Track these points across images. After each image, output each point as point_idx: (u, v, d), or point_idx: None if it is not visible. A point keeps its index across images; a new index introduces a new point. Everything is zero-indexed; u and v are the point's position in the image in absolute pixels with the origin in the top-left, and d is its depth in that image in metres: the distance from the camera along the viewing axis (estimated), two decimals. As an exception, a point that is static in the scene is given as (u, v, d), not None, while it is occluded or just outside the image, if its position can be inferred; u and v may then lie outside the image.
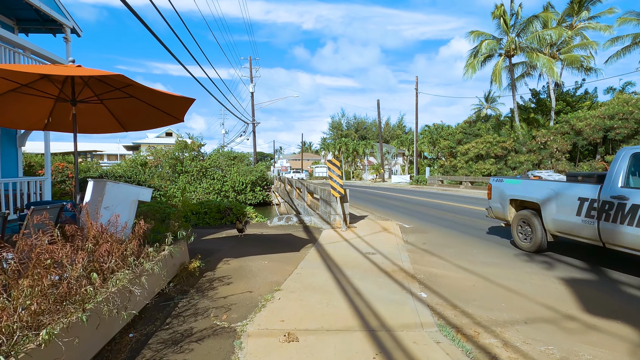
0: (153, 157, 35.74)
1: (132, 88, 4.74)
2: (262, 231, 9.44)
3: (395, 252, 6.89)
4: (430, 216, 12.06)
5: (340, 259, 6.43)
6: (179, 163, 33.12)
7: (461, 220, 11.05)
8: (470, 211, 13.15)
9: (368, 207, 15.33)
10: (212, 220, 12.12)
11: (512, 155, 29.41)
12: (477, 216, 11.75)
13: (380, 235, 8.50)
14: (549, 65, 25.97)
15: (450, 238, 8.35)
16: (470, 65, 29.87)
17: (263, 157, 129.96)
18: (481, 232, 8.95)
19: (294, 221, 10.85)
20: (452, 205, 15.16)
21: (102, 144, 70.54)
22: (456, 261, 6.29)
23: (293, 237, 8.38)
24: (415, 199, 18.51)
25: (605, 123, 25.30)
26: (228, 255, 6.66)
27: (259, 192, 31.96)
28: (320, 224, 9.74)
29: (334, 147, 62.58)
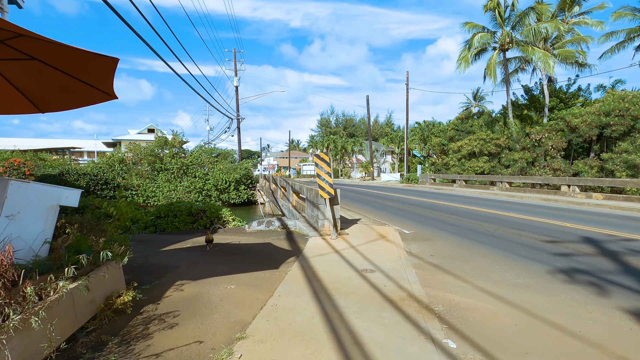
0: (131, 153, 33.77)
1: (24, 42, 3.20)
2: (238, 239, 7.94)
3: (399, 269, 5.50)
4: (430, 219, 10.74)
5: (330, 279, 5.00)
6: (158, 160, 31.25)
7: (466, 224, 9.75)
8: (472, 213, 11.90)
9: (360, 208, 13.95)
10: (183, 225, 10.56)
11: (506, 153, 28.48)
12: (482, 219, 10.49)
13: (377, 245, 7.11)
14: (545, 59, 25.05)
15: (460, 248, 7.00)
16: (463, 59, 28.78)
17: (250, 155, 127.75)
18: (494, 240, 7.64)
19: (276, 226, 9.37)
20: (451, 206, 13.90)
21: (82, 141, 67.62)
22: (479, 282, 4.93)
23: (273, 248, 6.91)
24: (409, 199, 17.23)
25: (601, 120, 24.52)
26: (185, 275, 5.15)
27: (244, 190, 30.32)
28: (306, 230, 8.29)
29: (322, 144, 61.13)
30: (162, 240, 8.19)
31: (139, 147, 33.75)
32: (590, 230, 8.49)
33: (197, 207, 10.89)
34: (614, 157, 23.77)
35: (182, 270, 5.44)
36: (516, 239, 7.68)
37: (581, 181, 16.48)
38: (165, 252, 6.78)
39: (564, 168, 25.18)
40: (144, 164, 31.81)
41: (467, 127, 32.50)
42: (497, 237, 7.86)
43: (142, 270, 5.43)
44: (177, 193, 29.60)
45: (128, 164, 33.37)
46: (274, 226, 9.39)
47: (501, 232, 8.48)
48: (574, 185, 16.63)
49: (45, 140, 64.23)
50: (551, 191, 17.60)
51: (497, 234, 8.21)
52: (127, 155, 34.66)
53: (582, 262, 5.84)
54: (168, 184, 30.01)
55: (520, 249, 6.80)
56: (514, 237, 7.88)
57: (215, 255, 6.32)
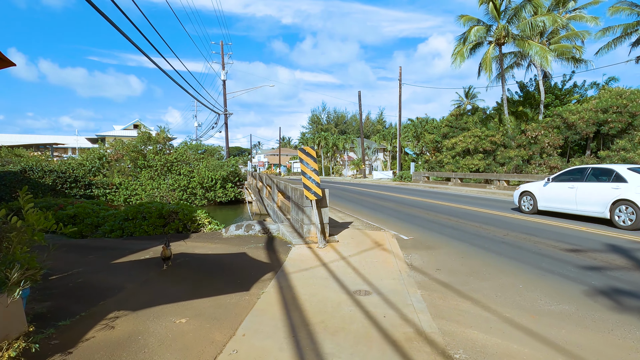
0: (113, 149, 32.19)
1: None
2: (210, 247, 6.77)
3: (401, 289, 4.41)
4: (429, 222, 9.69)
5: (314, 306, 3.88)
6: (140, 157, 29.75)
7: (469, 227, 8.72)
8: (473, 214, 10.89)
9: (351, 208, 12.86)
10: (152, 229, 9.33)
11: (502, 150, 27.72)
12: (486, 221, 9.48)
13: (373, 255, 6.01)
14: (543, 53, 24.24)
15: (470, 258, 5.95)
16: (458, 53, 27.85)
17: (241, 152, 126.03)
18: (506, 248, 6.61)
19: (257, 230, 8.22)
20: (449, 207, 12.90)
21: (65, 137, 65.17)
22: (504, 309, 3.86)
23: (247, 260, 5.75)
24: (404, 199, 16.20)
25: (598, 116, 23.85)
26: (126, 302, 3.98)
27: (231, 189, 29.02)
28: (290, 236, 7.15)
29: (313, 141, 59.92)
30: (122, 248, 6.99)
31: (121, 143, 32.22)
32: (611, 236, 7.52)
33: (168, 208, 9.66)
34: (611, 155, 23.10)
35: (125, 293, 4.26)
36: (531, 246, 6.66)
37: (585, 180, 15.62)
38: (116, 266, 5.58)
39: (561, 166, 24.46)
40: (126, 161, 30.34)
41: (462, 123, 31.66)
42: (510, 245, 6.83)
43: (75, 293, 4.25)
44: (161, 191, 28.22)
45: (110, 161, 31.87)
46: (254, 230, 8.24)
47: (511, 238, 7.46)
48: (577, 184, 15.76)
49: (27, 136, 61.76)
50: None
51: (508, 241, 7.18)
52: (108, 152, 33.14)
53: (621, 279, 4.83)
54: (151, 181, 28.61)
55: (540, 260, 5.77)
56: (527, 244, 6.86)
57: (175, 272, 5.15)
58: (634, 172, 8.48)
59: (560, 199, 9.85)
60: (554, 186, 10.12)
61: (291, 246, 6.58)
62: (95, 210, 12.08)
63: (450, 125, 32.32)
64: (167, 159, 29.24)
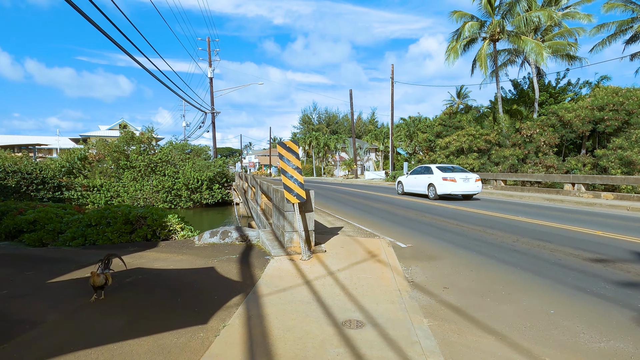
0: (95, 150, 30.82)
1: None
2: (173, 261, 5.73)
3: (402, 319, 3.45)
4: (426, 225, 8.77)
5: (289, 349, 2.89)
6: (123, 157, 28.44)
7: (472, 232, 7.82)
8: (474, 217, 10.02)
9: (342, 211, 11.90)
10: (117, 236, 8.25)
11: (496, 149, 27.03)
12: (489, 224, 8.60)
13: (366, 269, 5.04)
14: (539, 50, 23.61)
15: (481, 272, 5.02)
16: (452, 49, 27.12)
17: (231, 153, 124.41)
18: (520, 258, 5.71)
19: (234, 237, 7.20)
20: (446, 208, 12.02)
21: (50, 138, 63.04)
22: (542, 350, 2.91)
23: (214, 278, 4.73)
24: (398, 200, 15.29)
25: (594, 114, 23.31)
26: (35, 344, 2.93)
27: (218, 190, 27.86)
28: (270, 245, 6.15)
29: (304, 141, 58.88)
30: (72, 261, 5.94)
31: (102, 143, 30.89)
32: (634, 242, 6.68)
33: (136, 213, 8.56)
34: (608, 153, 22.55)
35: (41, 330, 3.22)
36: (548, 256, 5.77)
37: (588, 179, 14.92)
38: (51, 287, 4.52)
39: (557, 165, 23.87)
40: (107, 161, 29.02)
41: (455, 122, 30.96)
42: (523, 254, 5.92)
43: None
44: (144, 193, 26.99)
45: (92, 162, 30.56)
46: (230, 238, 7.21)
47: (523, 245, 6.56)
48: (579, 183, 15.05)
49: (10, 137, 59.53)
50: (553, 190, 16.02)
51: (520, 248, 6.28)
52: (90, 152, 31.78)
53: (669, 299, 3.94)
54: (134, 183, 27.37)
55: (564, 274, 4.87)
56: (543, 252, 5.97)
57: (119, 296, 4.11)
58: (437, 169, 15.06)
59: (412, 185, 16.54)
60: (410, 177, 16.80)
61: (270, 258, 5.57)
62: (60, 214, 10.93)
63: (444, 124, 31.61)
64: (151, 159, 28.00)
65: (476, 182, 14.41)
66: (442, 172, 14.63)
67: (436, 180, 14.54)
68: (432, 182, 14.75)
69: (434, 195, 14.60)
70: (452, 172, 14.71)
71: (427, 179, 15.14)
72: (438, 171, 14.80)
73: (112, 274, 4.97)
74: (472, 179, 14.48)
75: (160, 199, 26.90)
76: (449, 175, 14.36)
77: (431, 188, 14.78)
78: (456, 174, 14.44)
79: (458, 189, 14.12)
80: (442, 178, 14.36)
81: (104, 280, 3.88)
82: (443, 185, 14.23)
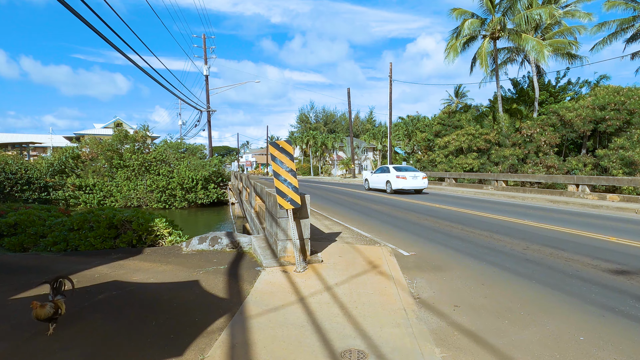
0: (89, 148, 30.21)
1: None
2: (154, 272, 5.23)
3: (411, 348, 2.97)
4: (429, 230, 8.30)
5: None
6: (116, 156, 27.83)
7: (479, 238, 7.36)
8: (478, 220, 9.57)
9: (341, 213, 11.41)
10: (100, 241, 7.72)
11: (496, 149, 26.64)
12: (495, 229, 8.14)
13: (367, 283, 4.56)
14: (540, 48, 23.19)
15: (494, 286, 4.55)
16: (452, 47, 26.67)
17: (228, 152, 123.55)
18: (534, 269, 5.24)
19: (224, 244, 6.70)
20: (448, 211, 11.57)
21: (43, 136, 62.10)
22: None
23: (197, 294, 4.23)
24: (398, 201, 14.84)
25: (595, 114, 22.95)
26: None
27: (213, 189, 27.28)
28: (262, 254, 5.65)
29: (302, 140, 58.32)
30: (47, 271, 5.43)
31: (95, 142, 30.27)
32: (652, 249, 6.24)
33: (120, 217, 8.02)
34: (609, 153, 22.20)
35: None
36: (564, 266, 5.31)
37: (593, 180, 14.50)
38: (12, 306, 4.00)
39: (558, 165, 23.50)
40: (100, 160, 28.43)
41: (454, 121, 30.54)
42: (537, 264, 5.46)
43: None
44: (138, 192, 26.42)
45: (85, 161, 29.97)
46: (220, 244, 6.71)
47: (534, 252, 6.11)
48: (584, 184, 14.63)
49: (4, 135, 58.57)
50: (556, 191, 15.61)
51: (531, 257, 5.82)
52: (83, 151, 31.16)
53: None
54: (128, 182, 26.77)
55: (587, 289, 4.40)
56: (559, 262, 5.51)
57: (84, 318, 3.59)
58: (393, 168, 18.00)
59: (375, 182, 19.63)
60: (374, 175, 19.98)
61: (261, 270, 5.07)
62: (43, 217, 10.34)
63: (443, 123, 31.18)
64: (145, 158, 27.41)
65: (423, 179, 17.49)
66: (397, 171, 17.64)
67: (392, 178, 17.57)
68: (389, 179, 17.88)
69: (390, 190, 17.85)
70: (405, 171, 17.71)
71: (385, 176, 18.32)
72: (394, 170, 17.93)
73: (85, 288, 4.46)
74: (420, 176, 17.57)
75: (154, 199, 26.35)
76: (401, 174, 17.42)
77: (388, 184, 17.94)
78: (407, 173, 17.48)
79: (408, 185, 17.24)
80: (396, 176, 17.42)
81: (52, 310, 3.13)
82: (397, 181, 17.31)
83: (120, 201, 26.59)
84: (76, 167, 28.97)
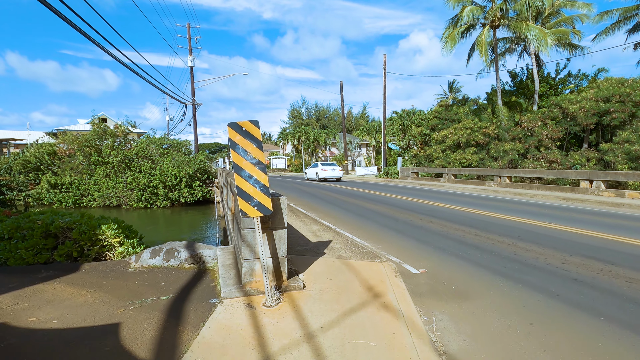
0: (66, 144, 28.45)
1: None
2: (69, 305, 3.73)
3: None
4: (438, 235, 6.90)
5: None
6: (94, 152, 26.10)
7: (500, 246, 5.98)
8: (493, 223, 8.21)
9: (331, 214, 9.97)
10: (32, 254, 6.19)
11: (495, 144, 25.43)
12: (515, 233, 6.78)
13: (367, 326, 3.13)
14: (543, 36, 21.93)
15: (548, 327, 3.14)
16: (449, 37, 25.30)
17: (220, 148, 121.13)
18: (589, 294, 3.86)
19: (182, 259, 5.22)
20: (454, 211, 10.21)
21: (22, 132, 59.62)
22: None
23: (105, 354, 2.76)
24: (396, 200, 13.45)
25: (599, 106, 21.82)
26: None
27: (199, 187, 25.63)
28: (223, 276, 4.19)
29: (293, 136, 56.71)
30: None
31: (72, 137, 28.53)
32: None
33: (59, 223, 6.47)
34: (614, 147, 21.05)
35: None
36: (629, 290, 3.94)
37: (609, 175, 13.25)
38: None
39: (561, 160, 22.35)
40: (78, 157, 26.72)
41: (452, 115, 29.24)
42: (591, 287, 4.08)
43: None
44: (117, 191, 24.72)
45: (62, 157, 28.19)
46: (177, 259, 5.23)
47: (579, 268, 4.74)
48: (599, 180, 13.39)
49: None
50: (567, 188, 14.36)
51: (580, 276, 4.45)
52: (60, 146, 29.35)
53: None
54: (107, 180, 25.06)
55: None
56: (618, 284, 4.14)
57: None
58: (321, 164, 27.30)
59: (310, 174, 28.30)
60: (310, 169, 28.39)
61: (217, 303, 3.60)
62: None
63: (440, 117, 29.86)
64: (125, 155, 25.69)
65: (340, 171, 27.01)
66: (322, 165, 26.76)
67: (320, 170, 26.55)
68: (317, 171, 26.67)
69: (318, 178, 26.68)
70: (328, 165, 27.08)
71: (315, 169, 27.24)
72: (321, 165, 26.92)
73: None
74: (337, 169, 27.00)
75: (134, 198, 24.70)
76: (324, 167, 26.62)
77: (317, 174, 26.60)
78: (328, 167, 26.86)
79: (329, 175, 26.42)
80: (322, 169, 26.49)
81: None
82: (322, 172, 26.33)
83: (99, 200, 24.94)
84: (53, 164, 27.28)
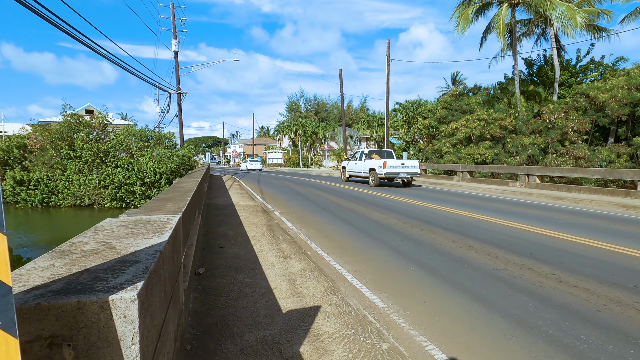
0: (38, 136, 25.83)
1: None
2: None
3: None
4: (470, 267, 4.30)
5: None
6: (64, 145, 23.40)
7: (590, 299, 3.38)
8: (576, 253, 5.60)
9: (325, 231, 7.33)
10: None
11: (512, 137, 22.77)
12: (599, 268, 4.20)
13: None
14: (571, 13, 19.17)
15: None
16: (462, 16, 22.53)
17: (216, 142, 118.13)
18: None
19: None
20: (495, 226, 7.61)
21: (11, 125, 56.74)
22: None
23: None
24: (407, 205, 10.84)
25: (633, 95, 19.15)
26: None
27: (181, 185, 23.07)
28: None
29: (290, 129, 53.97)
30: None
31: (41, 129, 25.89)
32: None
33: None
34: (650, 142, 18.45)
35: None
36: None
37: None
38: None
39: (589, 156, 19.74)
40: (49, 150, 24.05)
41: (463, 105, 26.53)
42: None
43: None
44: (90, 188, 22.08)
45: (33, 151, 25.51)
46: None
47: None
48: (663, 182, 10.78)
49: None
50: (619, 191, 11.75)
51: None
52: (30, 139, 26.61)
53: None
54: (80, 175, 22.40)
55: None
56: None
57: None
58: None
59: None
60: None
61: None
62: None
63: (449, 108, 27.17)
64: (99, 148, 22.97)
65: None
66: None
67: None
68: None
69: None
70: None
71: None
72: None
73: None
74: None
75: (107, 196, 22.07)
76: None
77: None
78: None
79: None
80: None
81: None
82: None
83: (69, 199, 22.29)
84: (23, 158, 24.61)
